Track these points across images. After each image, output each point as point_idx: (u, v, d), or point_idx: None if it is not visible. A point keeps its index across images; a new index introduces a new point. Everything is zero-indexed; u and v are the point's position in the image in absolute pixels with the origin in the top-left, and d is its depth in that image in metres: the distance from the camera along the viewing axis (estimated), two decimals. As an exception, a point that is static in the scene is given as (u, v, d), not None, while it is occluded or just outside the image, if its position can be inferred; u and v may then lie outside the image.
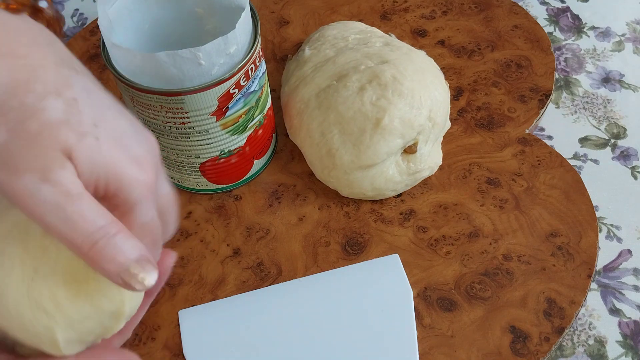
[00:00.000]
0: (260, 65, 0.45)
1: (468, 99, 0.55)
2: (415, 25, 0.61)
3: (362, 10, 0.63)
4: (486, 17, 0.62)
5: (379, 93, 0.45)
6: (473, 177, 0.50)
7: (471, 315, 0.42)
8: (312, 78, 0.49)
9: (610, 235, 0.48)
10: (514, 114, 0.53)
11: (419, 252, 0.46)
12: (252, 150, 0.48)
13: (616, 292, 0.45)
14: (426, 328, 0.42)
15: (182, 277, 0.46)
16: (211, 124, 0.44)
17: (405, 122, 0.45)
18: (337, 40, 0.52)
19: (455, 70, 0.57)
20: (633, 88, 0.57)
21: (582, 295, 0.43)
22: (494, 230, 0.46)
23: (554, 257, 0.45)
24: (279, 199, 0.50)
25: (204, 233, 0.48)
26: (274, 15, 0.64)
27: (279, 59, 0.60)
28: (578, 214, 0.47)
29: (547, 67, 0.57)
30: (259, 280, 0.45)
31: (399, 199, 0.49)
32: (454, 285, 0.44)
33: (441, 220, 0.47)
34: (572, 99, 0.57)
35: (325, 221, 0.48)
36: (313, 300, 0.44)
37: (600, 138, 0.54)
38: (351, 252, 0.46)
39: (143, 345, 0.43)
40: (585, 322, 0.44)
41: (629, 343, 0.43)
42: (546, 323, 0.42)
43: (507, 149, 0.51)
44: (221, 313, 0.44)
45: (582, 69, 0.59)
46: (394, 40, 0.52)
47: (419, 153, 0.47)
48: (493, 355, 0.40)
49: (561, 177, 0.49)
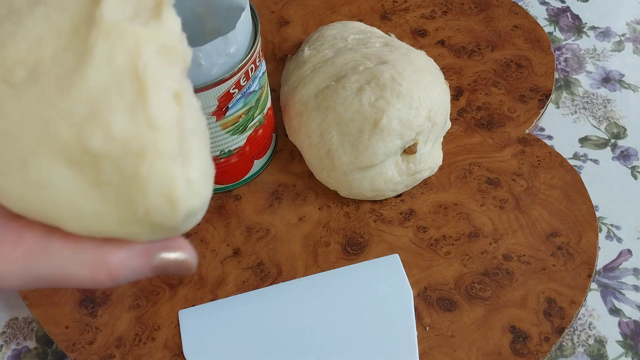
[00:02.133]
0: (260, 65, 0.45)
1: (468, 99, 0.55)
2: (415, 25, 0.61)
3: (362, 10, 0.63)
4: (486, 17, 0.62)
5: (377, 94, 0.45)
6: (473, 177, 0.50)
7: (471, 315, 0.42)
8: (311, 79, 0.49)
9: (610, 235, 0.48)
10: (514, 114, 0.53)
11: (419, 252, 0.46)
12: (252, 150, 0.48)
13: (616, 292, 0.45)
14: (426, 328, 0.42)
15: (182, 277, 0.46)
16: (211, 124, 0.44)
17: (404, 123, 0.45)
18: (336, 40, 0.52)
19: (455, 70, 0.57)
20: (633, 88, 0.57)
21: (582, 295, 0.43)
22: (494, 230, 0.46)
23: (554, 257, 0.45)
24: (279, 199, 0.50)
25: (204, 233, 0.48)
26: (274, 15, 0.64)
27: (279, 59, 0.60)
28: (578, 214, 0.47)
29: (547, 67, 0.57)
30: (259, 280, 0.45)
31: (399, 199, 0.49)
32: (454, 285, 0.44)
33: (441, 220, 0.47)
34: (572, 99, 0.57)
35: (325, 221, 0.48)
36: (313, 300, 0.44)
37: (600, 138, 0.54)
38: (351, 252, 0.46)
39: (143, 345, 0.43)
40: (585, 322, 0.44)
41: (629, 343, 0.43)
42: (546, 323, 0.42)
43: (507, 149, 0.51)
44: (221, 313, 0.44)
45: (582, 69, 0.59)
46: (393, 41, 0.52)
47: (419, 153, 0.47)
48: (493, 355, 0.41)
49: (561, 177, 0.49)
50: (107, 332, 0.43)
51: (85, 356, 0.42)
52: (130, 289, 0.45)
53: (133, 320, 0.44)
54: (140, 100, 0.21)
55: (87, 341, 0.43)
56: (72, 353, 0.42)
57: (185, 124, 0.23)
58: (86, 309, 0.44)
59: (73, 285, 0.24)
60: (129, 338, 0.43)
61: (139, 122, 0.21)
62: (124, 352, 0.42)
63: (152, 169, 0.22)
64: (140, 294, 0.45)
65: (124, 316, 0.44)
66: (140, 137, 0.21)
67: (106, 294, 0.45)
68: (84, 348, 0.43)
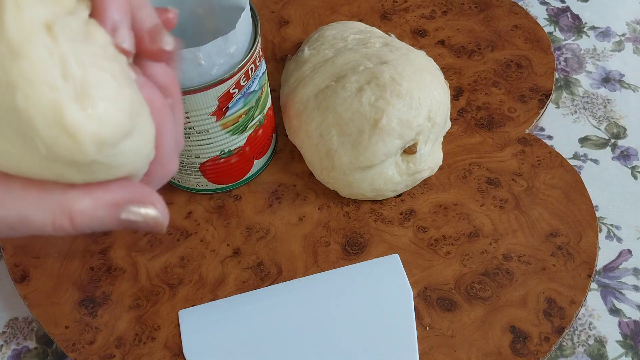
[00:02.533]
0: (260, 65, 0.45)
1: (468, 99, 0.55)
2: (415, 25, 0.61)
3: (362, 10, 0.63)
4: (486, 17, 0.62)
5: (377, 94, 0.45)
6: (473, 177, 0.50)
7: (471, 315, 0.42)
8: (310, 79, 0.49)
9: (610, 235, 0.48)
10: (514, 114, 0.53)
11: (419, 252, 0.46)
12: (252, 150, 0.48)
13: (616, 292, 0.45)
14: (426, 328, 0.42)
15: (182, 277, 0.46)
16: (211, 124, 0.44)
17: (404, 123, 0.45)
18: (336, 40, 0.52)
19: (455, 70, 0.57)
20: (633, 88, 0.57)
21: (582, 295, 0.43)
22: (494, 230, 0.46)
23: (554, 257, 0.45)
24: (279, 199, 0.50)
25: (204, 233, 0.48)
26: (274, 15, 0.64)
27: (279, 59, 0.60)
28: (578, 214, 0.47)
29: (547, 67, 0.57)
30: (259, 280, 0.45)
31: (399, 199, 0.49)
32: (454, 285, 0.44)
33: (441, 220, 0.47)
34: (572, 99, 0.57)
35: (325, 221, 0.48)
36: (313, 300, 0.44)
37: (600, 138, 0.54)
38: (351, 252, 0.46)
39: (143, 345, 0.43)
40: (585, 322, 0.44)
41: (629, 343, 0.43)
42: (546, 323, 0.42)
43: (507, 149, 0.51)
44: (221, 313, 0.44)
45: (582, 69, 0.59)
46: (393, 41, 0.52)
47: (419, 153, 0.47)
48: (493, 355, 0.41)
49: (561, 177, 0.49)
50: (107, 332, 0.43)
51: (85, 356, 0.42)
52: (130, 289, 0.45)
53: (133, 320, 0.44)
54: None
55: (87, 341, 0.43)
56: (72, 353, 0.42)
57: (64, 52, 0.21)
58: (86, 309, 0.44)
59: (33, 231, 0.24)
60: (129, 338, 0.43)
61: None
62: (124, 352, 0.42)
63: (29, 98, 0.20)
64: (140, 294, 0.45)
65: (124, 316, 0.44)
66: (3, 64, 0.20)
67: (106, 294, 0.45)
68: (84, 348, 0.43)
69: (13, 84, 0.20)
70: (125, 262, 0.47)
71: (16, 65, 0.20)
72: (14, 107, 0.20)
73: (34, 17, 0.21)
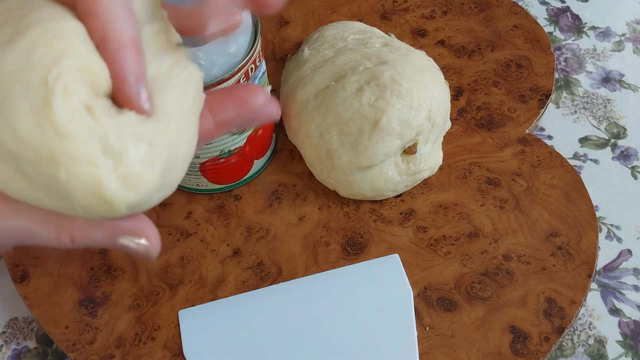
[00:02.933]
0: (260, 65, 0.45)
1: (468, 99, 0.55)
2: (415, 25, 0.61)
3: (362, 10, 0.63)
4: (486, 17, 0.62)
5: (377, 94, 0.45)
6: (473, 177, 0.50)
7: (471, 315, 0.42)
8: (310, 79, 0.49)
9: (610, 235, 0.48)
10: (514, 114, 0.53)
11: (419, 252, 0.46)
12: (252, 150, 0.48)
13: (616, 292, 0.45)
14: (426, 328, 0.42)
15: (182, 277, 0.46)
16: (211, 124, 0.44)
17: (404, 123, 0.45)
18: (336, 40, 0.52)
19: (455, 70, 0.57)
20: (633, 88, 0.57)
21: (582, 295, 0.43)
22: (494, 230, 0.46)
23: (554, 257, 0.45)
24: (279, 199, 0.50)
25: (204, 233, 0.48)
26: (274, 15, 0.64)
27: (279, 59, 0.60)
28: (578, 214, 0.47)
29: (547, 67, 0.57)
30: (259, 280, 0.45)
31: (399, 199, 0.49)
32: (454, 285, 0.44)
33: (441, 220, 0.47)
34: (572, 99, 0.57)
35: (325, 221, 0.48)
36: (313, 300, 0.44)
37: (600, 138, 0.54)
38: (351, 252, 0.46)
39: (143, 345, 0.43)
40: (585, 322, 0.44)
41: (629, 343, 0.43)
42: (546, 323, 0.42)
43: (507, 149, 0.51)
44: (221, 313, 0.44)
45: (582, 69, 0.59)
46: (393, 41, 0.52)
47: (419, 153, 0.47)
48: (493, 355, 0.41)
49: (561, 177, 0.49)
50: (107, 332, 0.43)
51: (85, 356, 0.42)
52: (130, 289, 0.45)
53: (133, 320, 0.44)
54: (45, 107, 0.22)
55: (87, 341, 0.43)
56: (72, 353, 0.42)
57: (105, 129, 0.23)
58: (86, 309, 0.44)
59: (37, 243, 0.25)
60: (129, 338, 0.43)
61: (44, 128, 0.22)
62: (124, 352, 0.42)
63: (71, 175, 0.22)
64: (140, 294, 0.45)
65: (124, 316, 0.44)
66: (49, 144, 0.22)
67: (106, 294, 0.45)
68: (84, 348, 0.43)
69: (57, 161, 0.22)
70: (125, 262, 0.47)
71: (60, 145, 0.22)
72: (55, 179, 0.22)
73: (79, 101, 0.23)
